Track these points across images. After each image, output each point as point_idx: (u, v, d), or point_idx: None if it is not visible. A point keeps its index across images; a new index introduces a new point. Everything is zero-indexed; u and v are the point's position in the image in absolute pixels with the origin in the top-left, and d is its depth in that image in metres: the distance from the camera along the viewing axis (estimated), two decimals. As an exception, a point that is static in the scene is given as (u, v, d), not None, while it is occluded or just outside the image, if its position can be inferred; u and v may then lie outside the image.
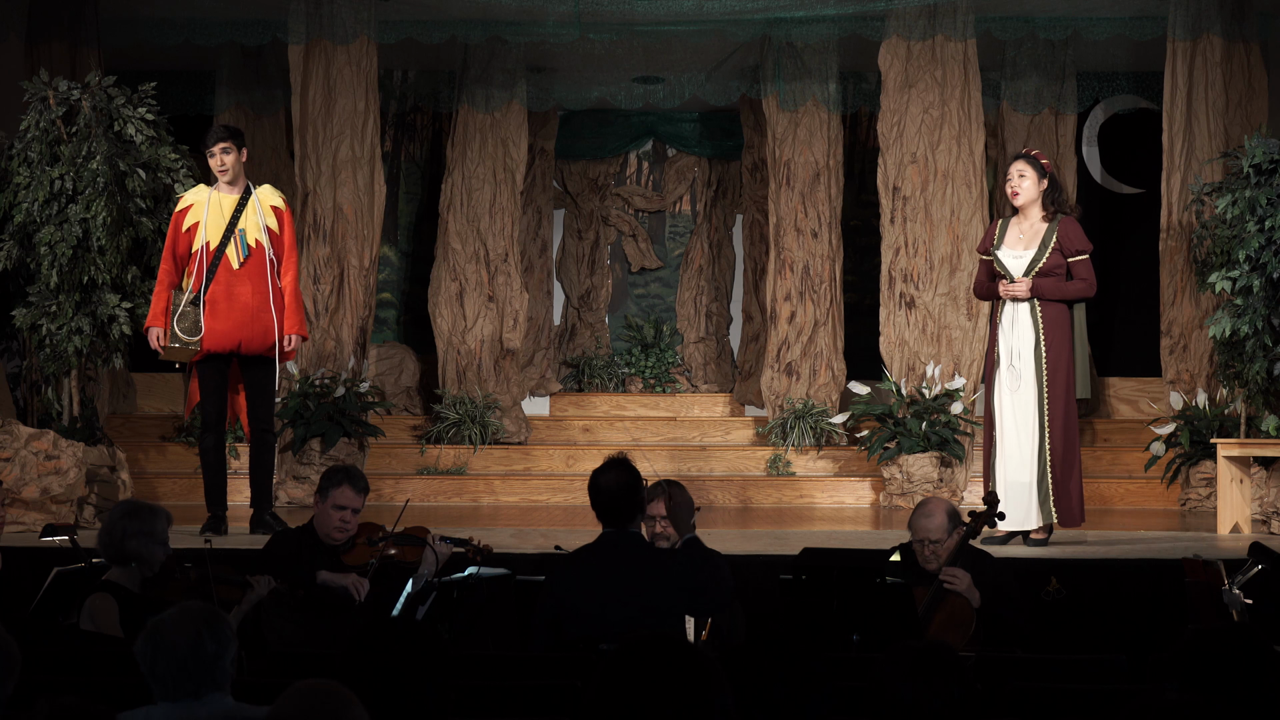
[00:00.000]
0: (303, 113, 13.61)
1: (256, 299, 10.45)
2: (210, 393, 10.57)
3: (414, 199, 16.41)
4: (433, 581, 7.92)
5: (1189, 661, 4.40)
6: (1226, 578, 7.58)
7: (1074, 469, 10.17)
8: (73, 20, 13.64)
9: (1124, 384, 15.59)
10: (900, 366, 13.51)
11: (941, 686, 4.20)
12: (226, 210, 10.49)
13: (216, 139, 10.56)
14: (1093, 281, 10.22)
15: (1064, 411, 10.12)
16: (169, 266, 10.54)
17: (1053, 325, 10.13)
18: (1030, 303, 10.16)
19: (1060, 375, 10.11)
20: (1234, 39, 13.26)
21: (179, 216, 10.56)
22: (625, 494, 7.21)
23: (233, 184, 10.54)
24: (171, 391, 15.69)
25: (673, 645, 3.65)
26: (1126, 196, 15.81)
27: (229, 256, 10.45)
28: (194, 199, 10.59)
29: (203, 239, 10.45)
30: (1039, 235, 10.20)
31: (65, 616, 7.52)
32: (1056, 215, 10.23)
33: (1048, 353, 10.12)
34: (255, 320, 10.46)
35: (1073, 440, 10.19)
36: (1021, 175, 10.26)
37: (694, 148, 16.60)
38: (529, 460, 14.25)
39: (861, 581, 7.31)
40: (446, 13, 13.99)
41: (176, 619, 4.74)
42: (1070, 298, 10.19)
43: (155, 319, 10.48)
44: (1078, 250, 10.16)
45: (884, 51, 13.69)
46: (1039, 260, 10.13)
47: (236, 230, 10.48)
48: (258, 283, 10.48)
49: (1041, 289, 10.13)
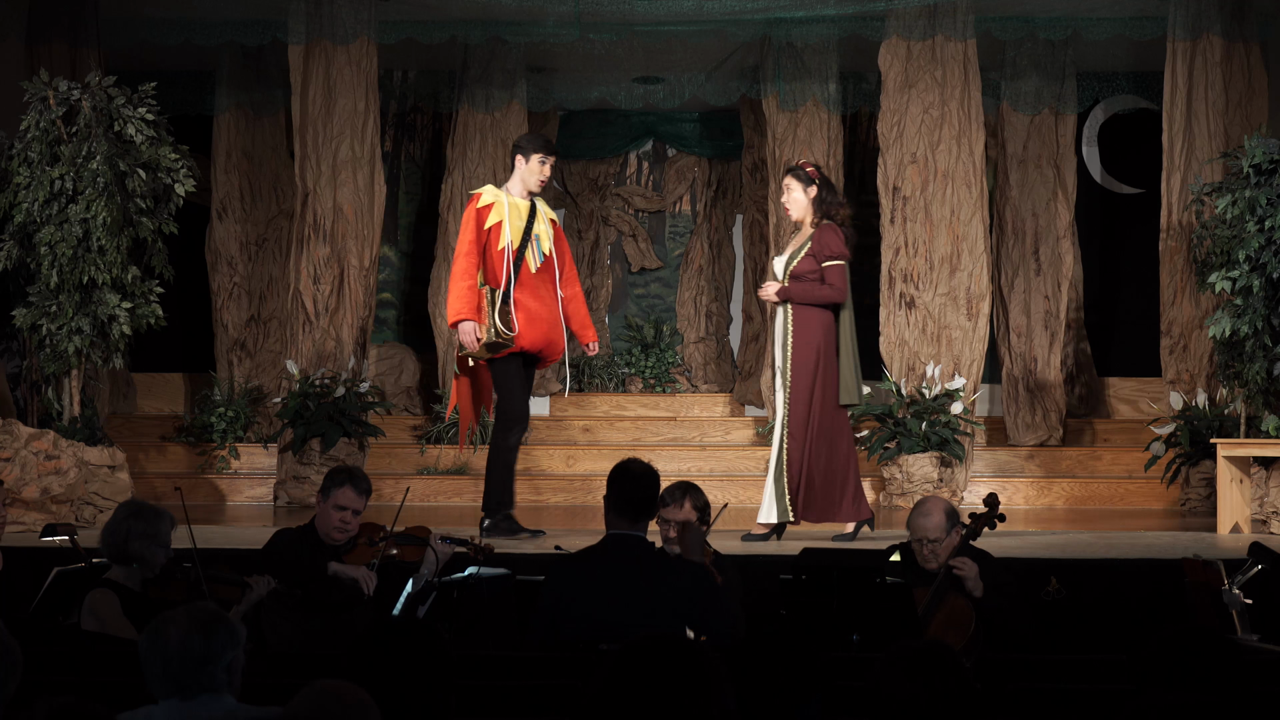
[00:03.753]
0: (303, 113, 13.61)
1: (554, 305, 10.50)
2: (516, 388, 10.47)
3: (414, 199, 16.41)
4: (433, 581, 7.93)
5: (1158, 664, 4.42)
6: (1226, 578, 7.58)
7: (818, 468, 10.25)
8: (73, 21, 13.65)
9: (1124, 384, 15.59)
10: (900, 366, 13.51)
11: (941, 686, 4.20)
12: (523, 215, 10.48)
13: (550, 151, 10.59)
14: (841, 288, 10.29)
15: (805, 413, 10.25)
16: (475, 261, 10.39)
17: (801, 328, 10.25)
18: (785, 307, 10.30)
19: (804, 378, 10.23)
20: (1234, 39, 13.27)
21: (481, 213, 10.46)
22: (652, 486, 7.24)
23: (531, 193, 10.55)
24: (172, 392, 15.72)
25: (677, 646, 3.66)
26: (1126, 196, 15.82)
27: (528, 260, 10.42)
28: (493, 198, 10.52)
29: (506, 239, 10.39)
30: (801, 240, 10.36)
31: (65, 616, 7.52)
32: (821, 221, 10.34)
33: (793, 355, 10.24)
34: (558, 325, 10.50)
35: (816, 441, 10.27)
36: (788, 189, 10.44)
37: (694, 148, 16.60)
38: (529, 460, 14.24)
39: (861, 581, 7.31)
40: (447, 13, 13.99)
41: (177, 618, 4.74)
42: (818, 302, 10.29)
43: (469, 313, 10.30)
44: (829, 256, 10.25)
45: (884, 52, 13.69)
46: (791, 264, 10.29)
47: (532, 236, 10.47)
48: (553, 289, 10.53)
49: (789, 293, 10.26)
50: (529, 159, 10.51)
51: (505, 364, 10.45)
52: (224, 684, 4.72)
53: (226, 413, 14.52)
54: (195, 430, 14.55)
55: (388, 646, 4.44)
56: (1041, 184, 14.93)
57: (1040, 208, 14.92)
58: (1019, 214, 14.95)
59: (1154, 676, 4.40)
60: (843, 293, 10.33)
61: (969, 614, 7.54)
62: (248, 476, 14.08)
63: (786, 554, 8.72)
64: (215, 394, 14.82)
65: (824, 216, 10.34)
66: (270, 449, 13.86)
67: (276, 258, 15.21)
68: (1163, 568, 8.97)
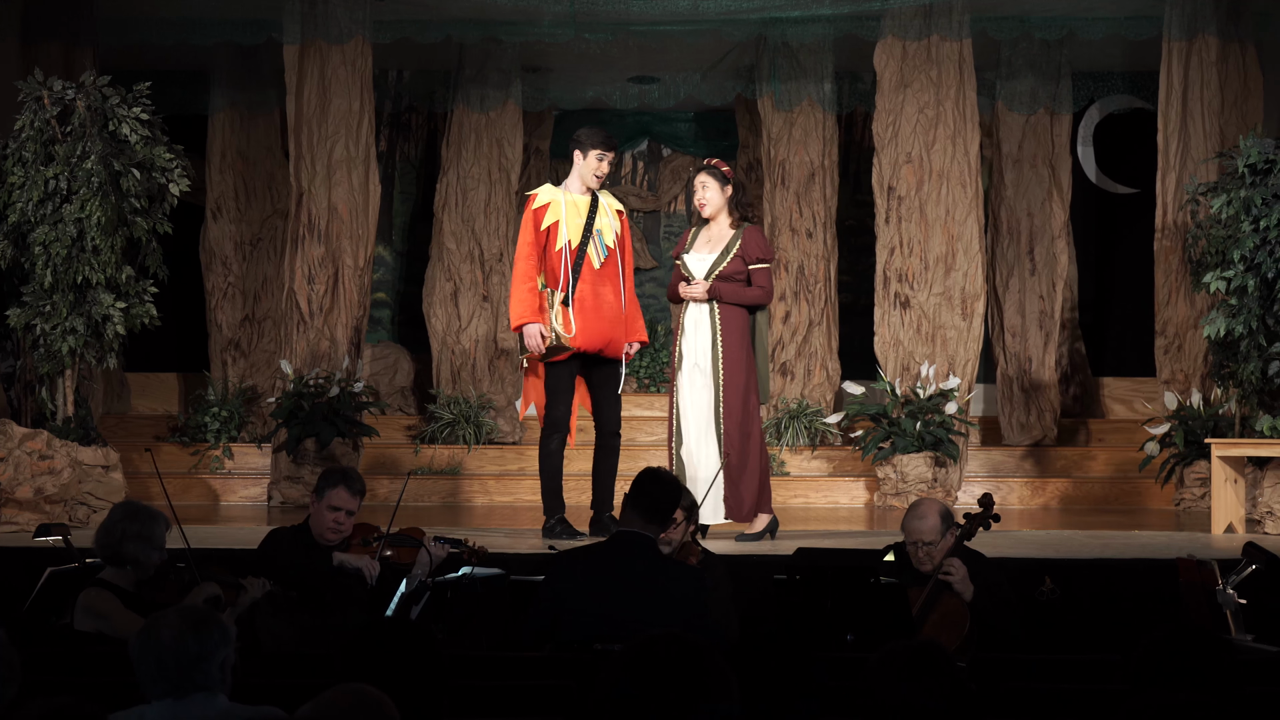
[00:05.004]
0: (297, 112, 13.60)
1: (617, 301, 10.37)
2: (563, 394, 10.38)
3: (409, 199, 16.41)
4: (427, 582, 7.92)
5: (1153, 664, 4.41)
6: (1220, 578, 7.58)
7: (747, 466, 10.29)
8: (68, 20, 13.65)
9: (1118, 384, 15.60)
10: (895, 366, 13.51)
11: (935, 686, 4.20)
12: (583, 210, 10.40)
13: (609, 146, 10.49)
14: (770, 289, 10.44)
15: (740, 411, 10.27)
16: (535, 263, 10.33)
17: (729, 328, 10.28)
18: (710, 306, 10.31)
19: (736, 377, 10.27)
20: (1229, 39, 13.28)
21: (537, 214, 10.39)
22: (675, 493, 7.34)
23: (590, 188, 10.46)
24: (166, 392, 15.71)
25: (684, 646, 3.66)
26: (1121, 196, 15.83)
27: (590, 257, 10.33)
28: (549, 198, 10.45)
29: (564, 238, 10.31)
30: (724, 241, 10.37)
31: (59, 617, 7.51)
32: (743, 223, 10.38)
33: (724, 354, 10.28)
34: (620, 322, 10.37)
35: (750, 438, 10.31)
36: (704, 186, 10.43)
37: (689, 148, 16.59)
38: (523, 460, 14.23)
39: (855, 581, 7.31)
40: (442, 12, 13.99)
41: (168, 618, 4.75)
42: (748, 303, 10.36)
43: (532, 315, 10.23)
44: (758, 258, 10.33)
45: (879, 51, 13.69)
46: (720, 264, 10.31)
47: (594, 231, 10.39)
48: (615, 284, 10.39)
49: (719, 292, 10.28)
50: (587, 155, 10.44)
51: (558, 369, 10.37)
52: (218, 682, 4.73)
53: (221, 413, 14.51)
54: (189, 430, 14.55)
55: (380, 647, 4.44)
56: (1036, 184, 14.94)
57: (1035, 207, 14.93)
58: (1014, 214, 14.96)
59: (1149, 676, 4.39)
60: (771, 295, 10.54)
61: (964, 614, 7.54)
62: (241, 476, 14.07)
63: (780, 554, 8.72)
64: (209, 394, 14.81)
65: (743, 218, 10.40)
66: (264, 449, 13.86)
67: (271, 257, 15.20)
68: (1157, 568, 8.97)
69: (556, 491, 10.52)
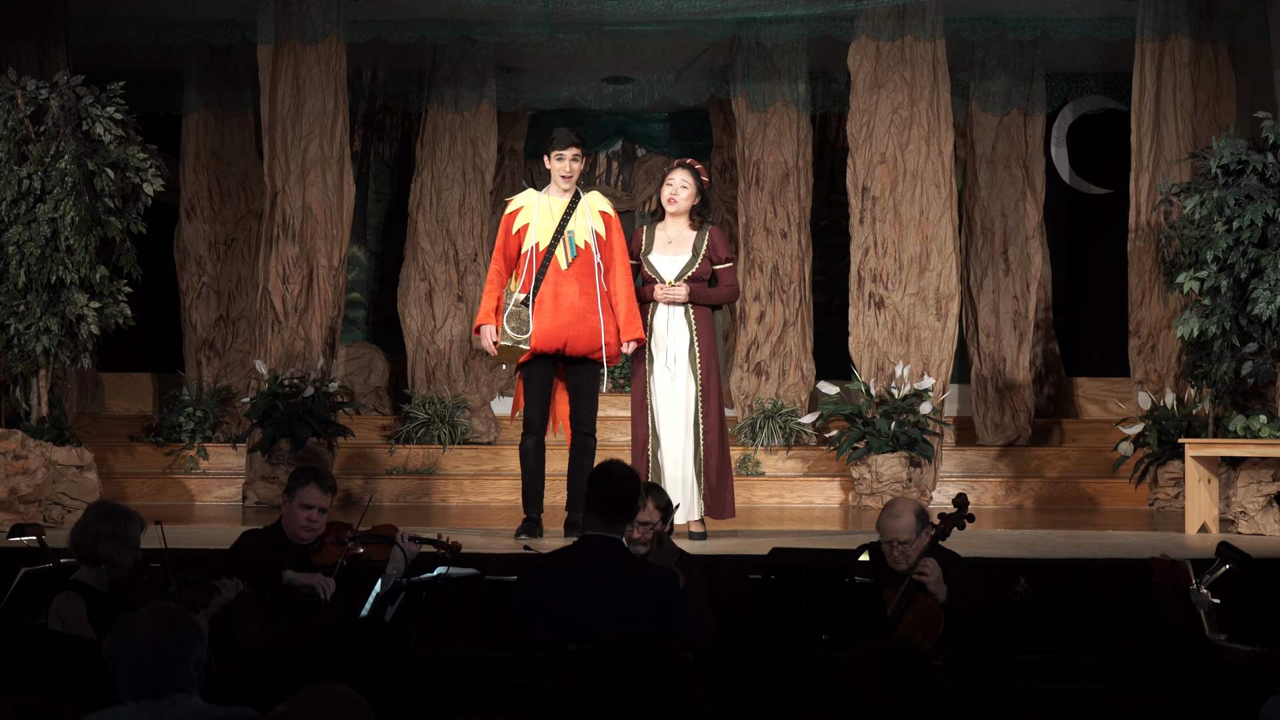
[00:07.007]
0: (271, 112, 13.57)
1: (583, 300, 10.30)
2: (535, 395, 10.40)
3: (383, 199, 16.39)
4: (401, 582, 7.92)
5: (1128, 664, 4.42)
6: (1194, 577, 7.59)
7: (727, 465, 10.45)
8: (41, 19, 13.60)
9: (1092, 384, 15.63)
10: (869, 367, 13.52)
11: (909, 686, 4.20)
12: (556, 212, 10.38)
13: (570, 143, 10.44)
14: (738, 288, 10.66)
15: (717, 409, 10.38)
16: (499, 267, 10.41)
17: (703, 327, 10.38)
18: (685, 307, 10.38)
19: (712, 375, 10.36)
20: (1202, 40, 13.31)
21: (509, 219, 10.44)
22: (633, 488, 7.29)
23: (567, 190, 10.46)
24: (140, 392, 15.68)
25: (650, 645, 3.65)
26: (1095, 197, 15.86)
27: (558, 257, 10.31)
28: (523, 202, 10.49)
29: (532, 240, 10.33)
30: (688, 242, 10.43)
31: (33, 617, 7.50)
32: (704, 224, 10.44)
33: (700, 353, 10.35)
34: (581, 320, 10.30)
35: (725, 436, 10.47)
36: (684, 186, 10.44)
37: (663, 148, 16.58)
38: (498, 460, 14.23)
39: (830, 581, 7.31)
40: (416, 12, 13.98)
41: (142, 618, 4.73)
42: (718, 302, 10.50)
43: (486, 318, 10.36)
44: (725, 258, 10.45)
45: (853, 52, 13.70)
46: (691, 266, 10.36)
47: (566, 232, 10.37)
48: (584, 284, 10.33)
49: (697, 295, 10.36)
50: (550, 156, 10.47)
51: (529, 369, 10.40)
52: (194, 682, 4.73)
53: (195, 413, 14.48)
54: (164, 430, 14.52)
55: (353, 647, 4.44)
56: (1010, 184, 14.97)
57: (1009, 208, 14.96)
58: (988, 214, 14.99)
59: (1124, 676, 4.40)
60: (739, 292, 10.73)
61: (938, 614, 7.55)
62: (216, 476, 14.04)
63: (755, 554, 8.72)
64: (184, 394, 14.78)
65: (703, 220, 10.44)
66: (239, 449, 13.83)
67: (245, 257, 15.17)
68: (1131, 567, 9.00)
69: (530, 491, 10.55)
